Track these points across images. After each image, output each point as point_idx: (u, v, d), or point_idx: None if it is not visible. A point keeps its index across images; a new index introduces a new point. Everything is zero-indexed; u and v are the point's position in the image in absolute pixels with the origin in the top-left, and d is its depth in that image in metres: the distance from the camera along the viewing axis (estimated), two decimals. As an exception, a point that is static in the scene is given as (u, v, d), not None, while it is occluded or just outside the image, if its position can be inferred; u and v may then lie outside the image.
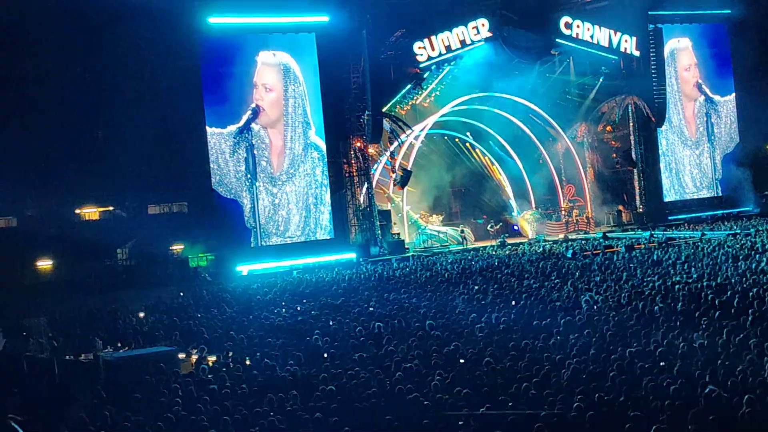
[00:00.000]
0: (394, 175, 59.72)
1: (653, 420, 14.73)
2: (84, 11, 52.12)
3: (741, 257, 36.63)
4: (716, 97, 70.61)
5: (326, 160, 57.11)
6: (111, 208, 61.23)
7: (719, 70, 71.06)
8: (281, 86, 56.07)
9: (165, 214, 61.22)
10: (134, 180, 56.36)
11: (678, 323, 23.55)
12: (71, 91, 54.58)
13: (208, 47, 54.38)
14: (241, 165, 54.96)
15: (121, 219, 60.21)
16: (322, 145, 57.03)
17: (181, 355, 25.27)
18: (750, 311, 23.74)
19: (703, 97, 70.18)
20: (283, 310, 33.62)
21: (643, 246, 46.88)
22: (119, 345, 27.95)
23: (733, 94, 71.04)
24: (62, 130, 54.65)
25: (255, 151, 55.32)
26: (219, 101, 54.66)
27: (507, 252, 51.62)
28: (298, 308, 33.91)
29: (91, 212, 60.81)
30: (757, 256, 36.47)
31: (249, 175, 55.16)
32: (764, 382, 16.59)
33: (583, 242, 53.79)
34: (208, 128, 54.07)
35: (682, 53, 69.40)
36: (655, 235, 52.80)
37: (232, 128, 54.72)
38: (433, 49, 58.40)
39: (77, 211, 59.58)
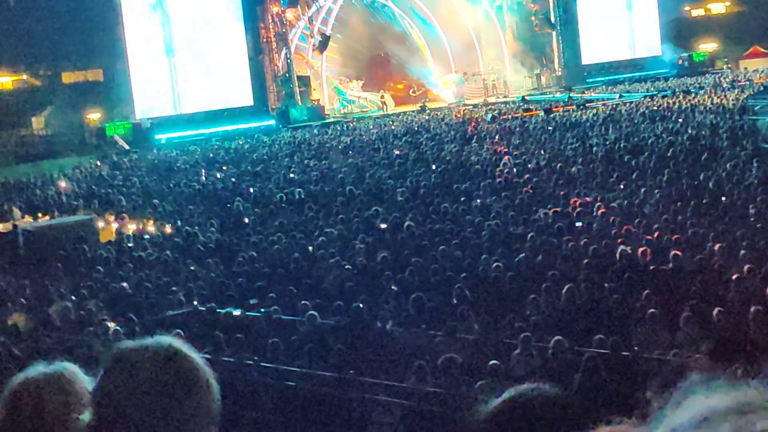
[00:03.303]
0: (312, 40, 59.10)
1: (571, 279, 14.99)
2: None
3: (657, 118, 37.03)
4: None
5: (244, 25, 56.27)
6: (24, 77, 59.94)
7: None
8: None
9: (80, 83, 60.09)
10: (47, 48, 55.06)
11: (596, 184, 23.88)
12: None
13: None
14: (156, 30, 54.00)
15: (35, 87, 59.03)
16: (239, 10, 56.13)
17: (101, 224, 25.07)
18: (666, 171, 24.11)
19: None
20: (203, 177, 33.45)
21: (561, 109, 47.19)
22: (38, 214, 27.66)
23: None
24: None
25: (171, 17, 54.35)
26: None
27: (427, 117, 51.66)
28: (218, 176, 33.75)
29: (3, 81, 59.47)
30: (673, 117, 36.91)
31: (165, 41, 54.27)
32: (679, 240, 16.91)
33: (502, 106, 53.98)
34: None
35: None
36: (573, 98, 53.15)
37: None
38: None
39: (-11, 79, 58.24)
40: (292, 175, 31.51)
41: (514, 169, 27.70)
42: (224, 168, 35.75)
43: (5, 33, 52.76)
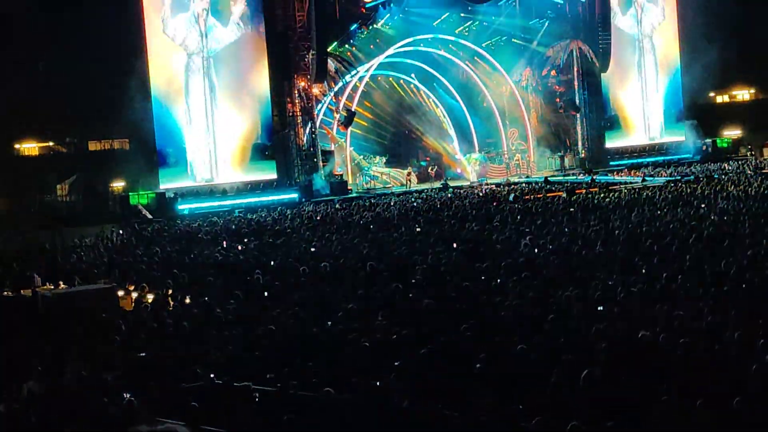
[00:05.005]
0: (338, 116, 59.60)
1: (590, 363, 14.87)
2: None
3: (680, 203, 37.01)
4: (661, 47, 71.08)
5: (270, 99, 56.74)
6: (50, 144, 60.53)
7: (667, 17, 71.44)
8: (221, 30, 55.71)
9: (106, 151, 60.63)
10: (75, 115, 55.65)
11: (617, 268, 23.77)
12: (11, 24, 53.58)
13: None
14: (185, 102, 54.50)
15: (61, 154, 59.55)
16: (266, 85, 56.67)
17: (120, 293, 25.09)
18: (688, 257, 23.99)
19: (649, 45, 70.51)
20: (224, 249, 33.50)
21: (584, 190, 47.23)
22: (58, 281, 27.72)
23: (678, 43, 71.47)
24: (1, 63, 53.73)
25: (197, 88, 54.88)
26: (162, 41, 54.12)
27: (449, 194, 51.82)
28: (240, 247, 33.80)
29: (30, 147, 60.06)
30: (696, 202, 36.88)
31: (190, 114, 54.69)
32: (700, 328, 16.80)
33: (525, 186, 54.06)
34: (150, 64, 53.55)
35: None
36: (596, 180, 53.23)
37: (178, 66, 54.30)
38: (379, -12, 58.12)
39: (16, 146, 58.80)
40: (312, 249, 31.55)
41: (535, 250, 27.63)
42: (246, 240, 35.82)
43: (33, 100, 53.37)
